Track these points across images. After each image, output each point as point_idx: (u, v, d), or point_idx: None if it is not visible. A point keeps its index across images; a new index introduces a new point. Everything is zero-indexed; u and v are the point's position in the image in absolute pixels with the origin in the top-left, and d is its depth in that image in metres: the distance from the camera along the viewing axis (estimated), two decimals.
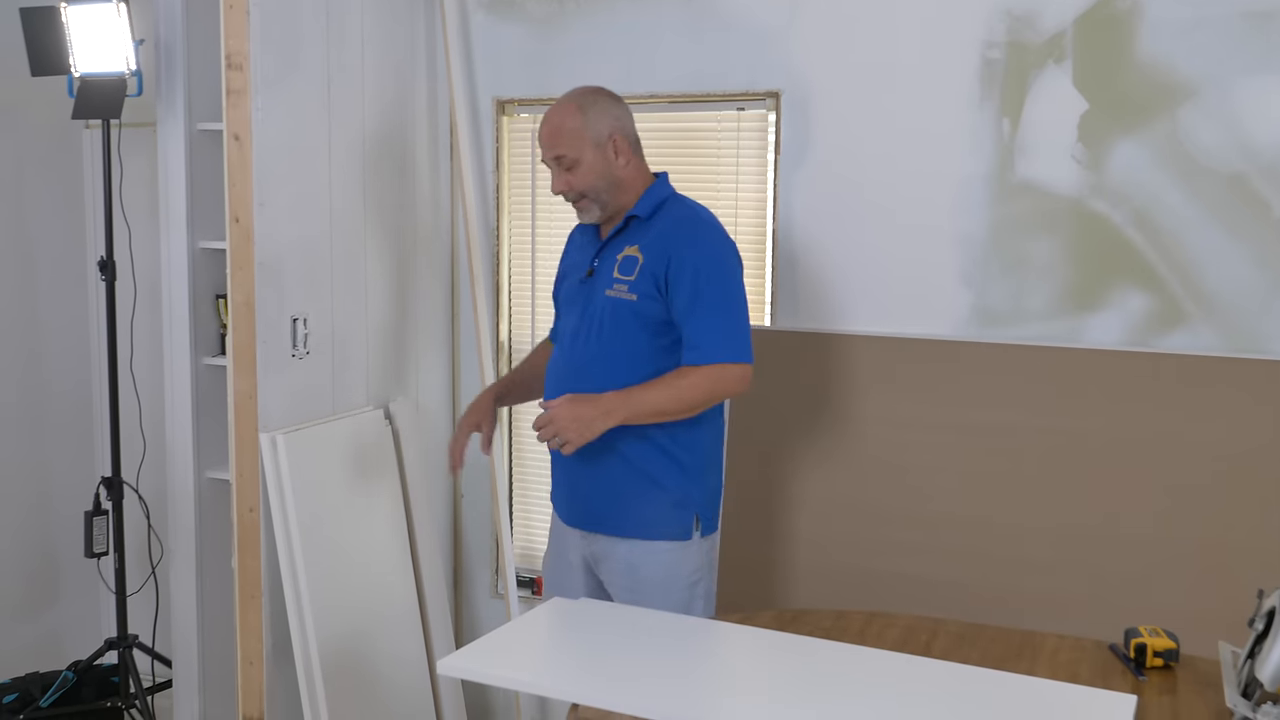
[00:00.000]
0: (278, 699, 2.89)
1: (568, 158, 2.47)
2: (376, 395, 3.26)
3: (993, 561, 2.87)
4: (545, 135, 2.50)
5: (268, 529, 2.85)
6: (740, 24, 3.07)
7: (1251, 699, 1.75)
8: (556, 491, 2.65)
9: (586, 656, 2.11)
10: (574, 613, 2.25)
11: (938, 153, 2.91)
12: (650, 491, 2.47)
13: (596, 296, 2.50)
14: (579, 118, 2.49)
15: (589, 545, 2.57)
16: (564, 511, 2.63)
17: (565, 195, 2.51)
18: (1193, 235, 2.72)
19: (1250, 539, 2.66)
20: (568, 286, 2.63)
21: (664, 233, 2.48)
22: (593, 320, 2.49)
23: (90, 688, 3.54)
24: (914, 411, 2.94)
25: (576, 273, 2.60)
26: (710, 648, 2.03)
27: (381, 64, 3.22)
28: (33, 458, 3.83)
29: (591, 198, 2.50)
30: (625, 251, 2.49)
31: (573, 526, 2.59)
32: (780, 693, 1.88)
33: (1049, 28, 2.79)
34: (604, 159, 2.48)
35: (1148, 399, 2.74)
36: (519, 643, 2.11)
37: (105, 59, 3.18)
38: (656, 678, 1.90)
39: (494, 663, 1.99)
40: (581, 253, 2.62)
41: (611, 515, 2.51)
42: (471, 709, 3.49)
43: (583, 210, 2.53)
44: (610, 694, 1.84)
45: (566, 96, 2.55)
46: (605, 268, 2.52)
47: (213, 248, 3.27)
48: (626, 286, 2.45)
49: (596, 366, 2.47)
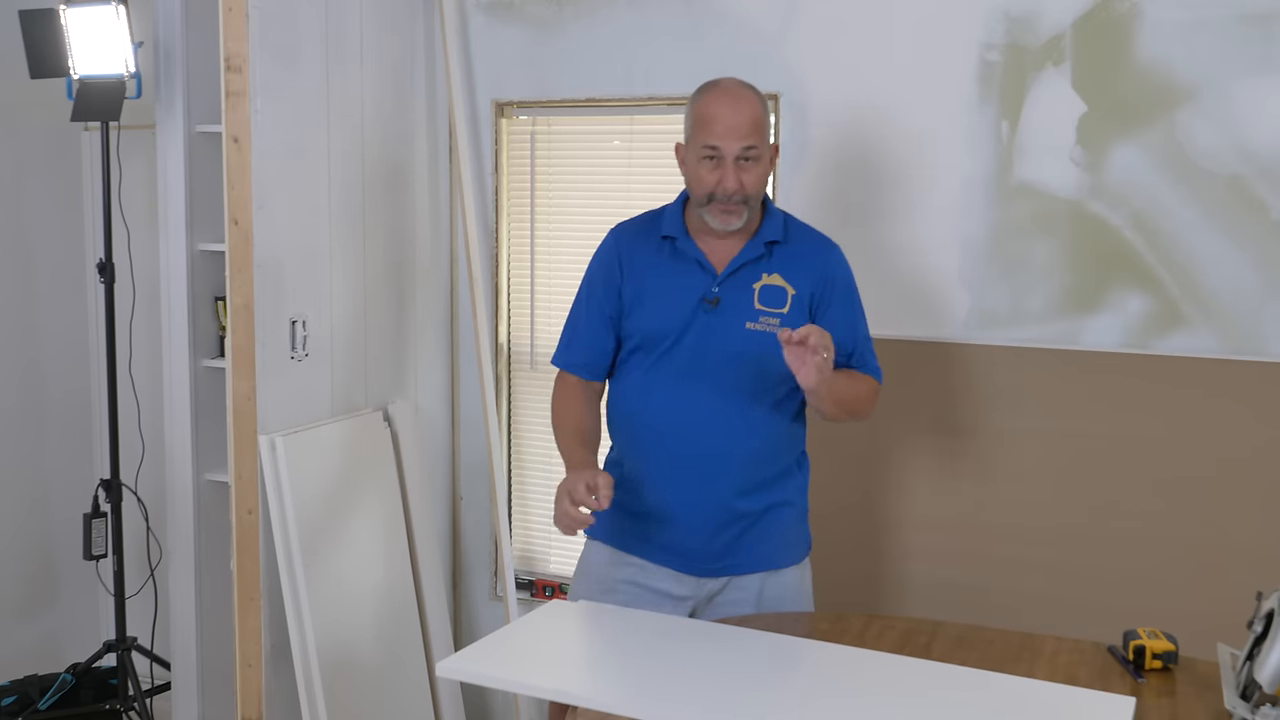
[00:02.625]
0: (276, 701, 2.89)
1: (756, 150, 2.24)
2: (375, 397, 3.26)
3: (991, 563, 2.88)
4: (742, 125, 2.22)
5: (266, 531, 2.85)
6: (739, 26, 3.08)
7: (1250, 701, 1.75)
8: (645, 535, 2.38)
9: (586, 659, 2.11)
10: (574, 615, 2.25)
11: (937, 155, 2.92)
12: (775, 515, 2.37)
13: (729, 329, 2.28)
14: (765, 113, 2.28)
15: (701, 586, 2.37)
16: (670, 557, 2.37)
17: (733, 196, 2.24)
18: (1191, 237, 2.72)
19: (1248, 541, 2.66)
20: (664, 311, 2.32)
21: (804, 258, 2.34)
22: (725, 355, 2.28)
23: (89, 690, 3.54)
24: (912, 414, 2.94)
25: (678, 295, 2.31)
26: (709, 650, 2.03)
27: (380, 66, 3.22)
28: (31, 460, 3.83)
29: (750, 204, 2.27)
30: (764, 280, 2.30)
31: (690, 574, 2.36)
32: (779, 695, 1.88)
33: (1048, 30, 2.80)
34: (769, 163, 2.32)
35: (1146, 401, 2.75)
36: (519, 645, 2.10)
37: (104, 61, 3.18)
38: (656, 680, 1.90)
39: (493, 665, 1.99)
40: (673, 271, 2.34)
41: (735, 554, 2.34)
42: (470, 712, 3.49)
43: (734, 216, 2.26)
44: (609, 696, 1.84)
45: (742, 86, 2.28)
46: (739, 297, 2.29)
47: (212, 250, 3.27)
48: (778, 320, 2.27)
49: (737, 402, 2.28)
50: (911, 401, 2.94)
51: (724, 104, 2.24)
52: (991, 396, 2.87)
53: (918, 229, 2.95)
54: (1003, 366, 2.87)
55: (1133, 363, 2.76)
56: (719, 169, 2.24)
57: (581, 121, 3.34)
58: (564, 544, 3.47)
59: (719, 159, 2.23)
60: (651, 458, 2.35)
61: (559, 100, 3.31)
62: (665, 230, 2.36)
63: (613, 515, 2.36)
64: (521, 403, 3.50)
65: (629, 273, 2.37)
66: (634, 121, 3.26)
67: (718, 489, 2.30)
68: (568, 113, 3.33)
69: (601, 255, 2.43)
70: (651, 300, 2.35)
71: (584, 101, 3.27)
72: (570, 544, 3.44)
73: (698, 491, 2.30)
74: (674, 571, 2.37)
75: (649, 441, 2.34)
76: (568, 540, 3.43)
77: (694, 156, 2.28)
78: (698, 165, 2.27)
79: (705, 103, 2.27)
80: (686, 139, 2.33)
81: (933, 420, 2.93)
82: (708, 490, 2.30)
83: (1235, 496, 2.68)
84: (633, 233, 2.42)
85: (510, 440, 3.52)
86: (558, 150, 3.38)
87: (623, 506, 2.34)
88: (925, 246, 2.95)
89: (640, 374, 2.36)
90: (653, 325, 2.33)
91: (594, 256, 2.45)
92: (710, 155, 2.24)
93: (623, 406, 2.41)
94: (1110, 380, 2.78)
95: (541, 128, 3.39)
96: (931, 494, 2.93)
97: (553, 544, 3.50)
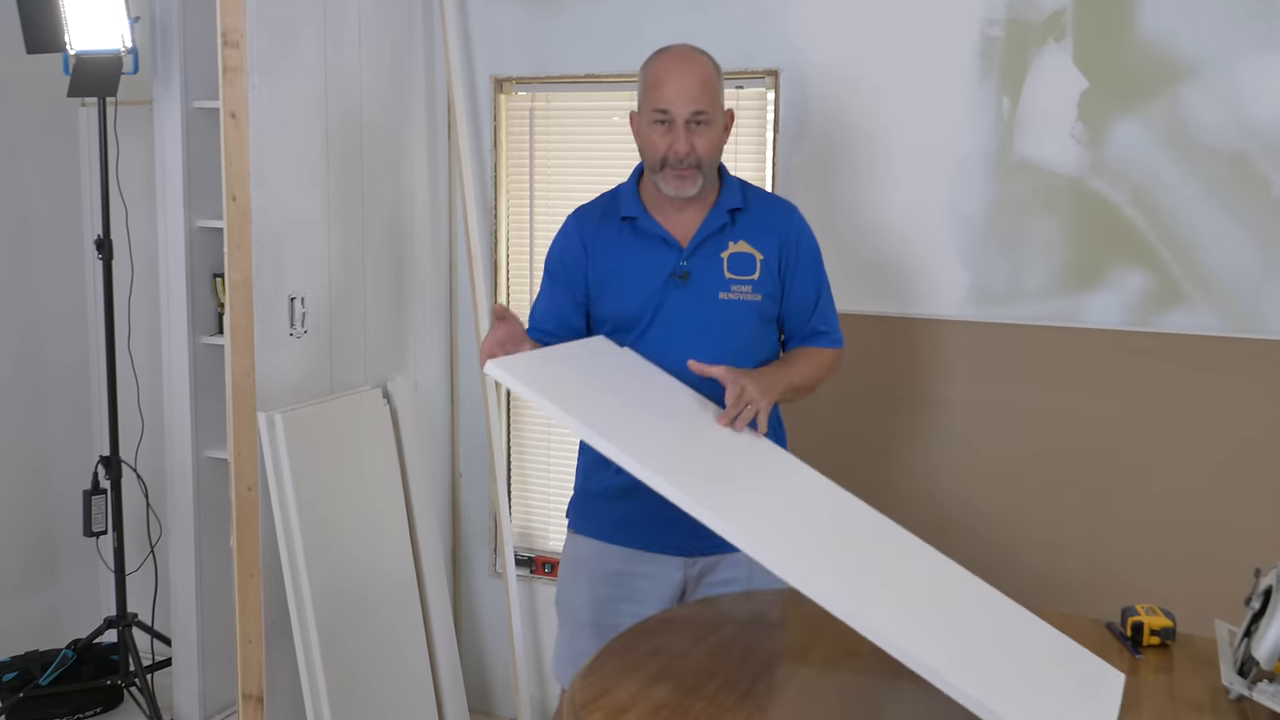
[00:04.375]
0: (276, 677, 2.90)
1: (707, 114, 2.21)
2: (374, 374, 3.26)
3: (990, 540, 2.88)
4: (692, 87, 2.20)
5: (266, 508, 2.85)
6: (738, 2, 3.06)
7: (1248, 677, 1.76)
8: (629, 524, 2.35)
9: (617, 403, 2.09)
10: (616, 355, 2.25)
11: (937, 131, 2.91)
12: None
13: (701, 301, 2.26)
14: (717, 77, 2.25)
15: (691, 566, 2.35)
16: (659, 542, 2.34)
17: (684, 160, 2.21)
18: (1192, 214, 2.72)
19: (1246, 517, 2.67)
20: (631, 291, 2.29)
21: (766, 222, 2.31)
22: (702, 327, 2.25)
23: (90, 666, 3.55)
24: (911, 391, 2.94)
25: (644, 273, 2.29)
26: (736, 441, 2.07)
27: (379, 42, 3.20)
28: (31, 437, 3.83)
29: (703, 170, 2.24)
30: (731, 249, 2.28)
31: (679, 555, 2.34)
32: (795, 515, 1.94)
33: (1049, 5, 2.78)
34: (722, 130, 2.28)
35: (1146, 378, 2.75)
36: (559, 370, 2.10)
37: (101, 36, 3.16)
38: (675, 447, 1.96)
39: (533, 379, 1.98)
40: (637, 249, 2.30)
41: None
42: (470, 686, 3.51)
43: (688, 181, 2.23)
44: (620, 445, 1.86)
45: (693, 50, 2.26)
46: (709, 268, 2.27)
47: (210, 226, 3.26)
48: (750, 287, 2.27)
49: None
50: (911, 379, 2.94)
51: (673, 67, 2.22)
52: (991, 374, 2.87)
53: (917, 205, 2.95)
54: (1002, 344, 2.86)
55: (1133, 340, 2.76)
56: (670, 133, 2.21)
57: (581, 97, 3.33)
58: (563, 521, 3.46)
59: (670, 123, 2.21)
60: None
61: (558, 76, 3.29)
62: (624, 211, 2.32)
63: (596, 507, 2.38)
64: None
65: (594, 256, 2.33)
66: (633, 98, 3.24)
67: None
68: (567, 89, 3.32)
69: (563, 241, 2.38)
70: (619, 282, 2.31)
71: (583, 77, 3.26)
72: None
73: None
74: (664, 555, 2.35)
75: None
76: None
77: (645, 122, 2.26)
78: (649, 130, 2.25)
79: (654, 67, 2.26)
80: (639, 106, 2.30)
81: (932, 398, 2.93)
82: None
83: (1235, 474, 2.68)
84: (594, 216, 2.37)
85: (509, 417, 3.52)
86: (557, 126, 3.37)
87: (605, 496, 2.35)
88: (925, 223, 2.94)
89: None
90: (625, 307, 2.30)
91: (554, 244, 2.39)
92: (660, 119, 2.22)
93: None
94: (1110, 357, 2.78)
95: (540, 103, 3.38)
96: (929, 470, 2.94)
97: (552, 521, 3.50)
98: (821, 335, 2.37)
